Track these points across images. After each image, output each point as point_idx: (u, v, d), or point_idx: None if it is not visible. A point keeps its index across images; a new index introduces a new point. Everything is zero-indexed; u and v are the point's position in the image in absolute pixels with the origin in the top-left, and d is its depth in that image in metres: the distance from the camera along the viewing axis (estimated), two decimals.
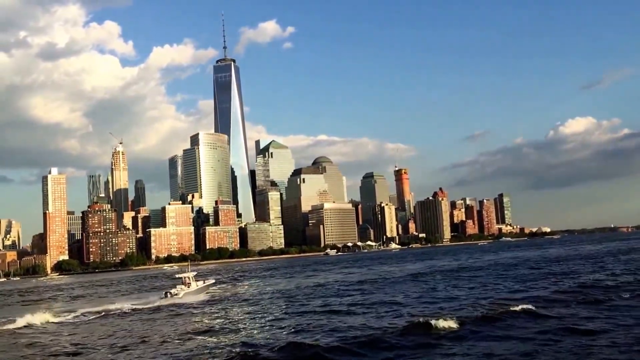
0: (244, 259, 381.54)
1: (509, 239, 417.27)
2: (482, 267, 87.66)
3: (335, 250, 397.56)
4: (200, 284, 62.56)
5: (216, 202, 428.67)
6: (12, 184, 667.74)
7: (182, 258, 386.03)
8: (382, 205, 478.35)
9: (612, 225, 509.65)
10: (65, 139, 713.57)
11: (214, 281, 71.64)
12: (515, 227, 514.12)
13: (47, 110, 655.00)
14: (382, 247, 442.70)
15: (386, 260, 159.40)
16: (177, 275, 64.68)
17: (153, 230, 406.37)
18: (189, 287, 59.15)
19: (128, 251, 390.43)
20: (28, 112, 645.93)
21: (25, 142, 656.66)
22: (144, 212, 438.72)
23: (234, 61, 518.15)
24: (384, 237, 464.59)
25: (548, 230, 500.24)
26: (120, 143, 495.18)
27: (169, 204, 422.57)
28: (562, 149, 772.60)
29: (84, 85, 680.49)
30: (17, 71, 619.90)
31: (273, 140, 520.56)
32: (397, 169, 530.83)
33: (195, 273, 64.67)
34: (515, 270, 72.03)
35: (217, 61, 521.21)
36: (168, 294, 56.79)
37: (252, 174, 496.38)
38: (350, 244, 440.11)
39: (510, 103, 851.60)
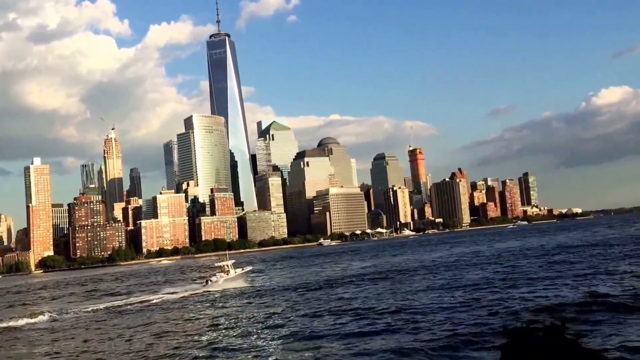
0: (243, 251, 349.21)
1: (525, 222, 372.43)
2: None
3: (329, 240, 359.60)
4: (239, 270, 64.94)
5: (212, 190, 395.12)
6: (10, 177, 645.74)
7: (175, 252, 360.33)
8: (395, 188, 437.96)
9: None
10: (63, 127, 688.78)
11: (251, 268, 71.64)
12: (542, 208, 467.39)
13: (42, 96, 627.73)
14: (394, 233, 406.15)
15: (396, 250, 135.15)
16: (216, 264, 68.59)
17: (144, 222, 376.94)
18: (227, 274, 62.27)
19: (117, 245, 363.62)
20: (23, 99, 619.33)
21: (22, 131, 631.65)
22: (135, 202, 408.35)
23: (228, 36, 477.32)
24: (397, 223, 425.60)
25: (579, 211, 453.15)
26: (113, 129, 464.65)
27: (161, 193, 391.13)
28: (595, 121, 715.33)
29: (79, 69, 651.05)
30: (9, 56, 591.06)
31: (274, 121, 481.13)
32: (411, 148, 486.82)
33: (233, 261, 67.94)
34: None
35: (211, 36, 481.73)
36: (209, 281, 61.27)
37: (254, 158, 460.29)
38: (358, 232, 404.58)
39: (537, 75, 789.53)
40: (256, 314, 36.97)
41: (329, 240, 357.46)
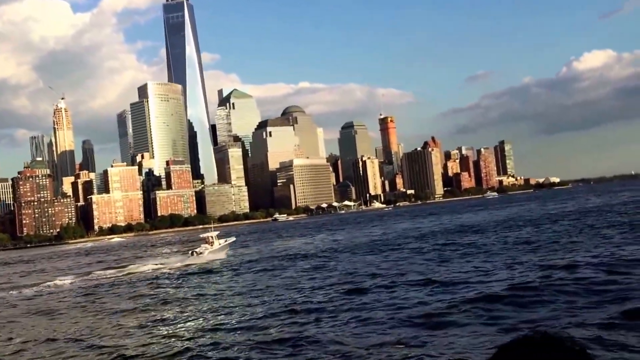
0: (201, 227, 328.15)
1: (494, 194, 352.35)
2: None
3: (285, 215, 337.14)
4: (222, 242, 65.69)
5: (167, 163, 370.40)
6: None
7: (128, 228, 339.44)
8: (364, 159, 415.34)
9: (633, 172, 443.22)
10: (14, 97, 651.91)
11: (234, 239, 72.42)
12: (519, 178, 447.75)
13: None
14: (362, 206, 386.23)
15: (354, 225, 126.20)
16: (201, 236, 70.02)
17: (95, 197, 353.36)
18: (212, 245, 62.85)
19: (67, 222, 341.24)
20: None
21: None
22: (85, 176, 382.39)
23: None
24: (367, 195, 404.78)
25: (557, 180, 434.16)
26: (62, 99, 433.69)
27: (112, 166, 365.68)
28: (576, 87, 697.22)
29: (31, 35, 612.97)
30: None
31: (235, 89, 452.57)
32: (382, 116, 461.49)
33: (218, 232, 69.88)
34: None
35: None
36: (194, 252, 61.38)
37: (214, 129, 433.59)
38: (325, 205, 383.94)
39: (517, 38, 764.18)
40: None
41: (285, 216, 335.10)
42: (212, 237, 64.40)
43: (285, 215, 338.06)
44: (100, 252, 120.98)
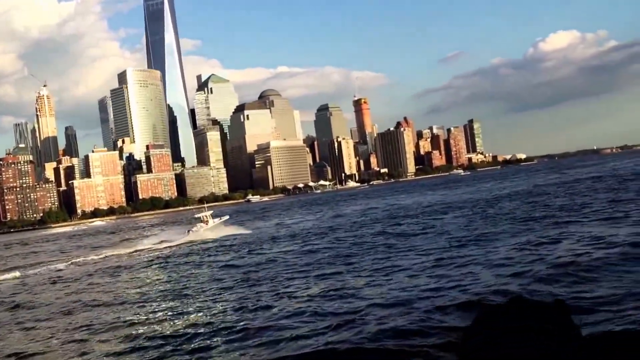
0: (181, 209, 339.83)
1: (460, 172, 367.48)
2: None
3: (259, 197, 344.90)
4: (217, 220, 68.74)
5: (147, 147, 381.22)
6: None
7: (111, 211, 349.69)
8: (339, 139, 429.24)
9: (595, 147, 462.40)
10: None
11: (227, 217, 74.28)
12: (487, 155, 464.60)
13: None
14: (338, 185, 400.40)
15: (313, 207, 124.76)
16: (196, 215, 71.34)
17: (77, 182, 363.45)
18: (207, 224, 66.41)
19: (50, 207, 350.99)
20: None
21: None
22: (67, 162, 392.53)
23: None
24: (342, 174, 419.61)
25: (524, 156, 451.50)
26: (45, 86, 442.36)
27: (93, 151, 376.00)
28: (543, 67, 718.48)
29: (15, 24, 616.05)
30: None
31: (213, 74, 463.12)
32: (356, 98, 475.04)
33: (212, 212, 71.93)
34: None
35: None
36: (190, 231, 64.90)
37: (193, 113, 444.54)
38: (301, 185, 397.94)
39: (487, 20, 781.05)
40: None
41: (259, 197, 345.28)
42: (206, 216, 67.94)
43: (258, 196, 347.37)
44: (86, 236, 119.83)
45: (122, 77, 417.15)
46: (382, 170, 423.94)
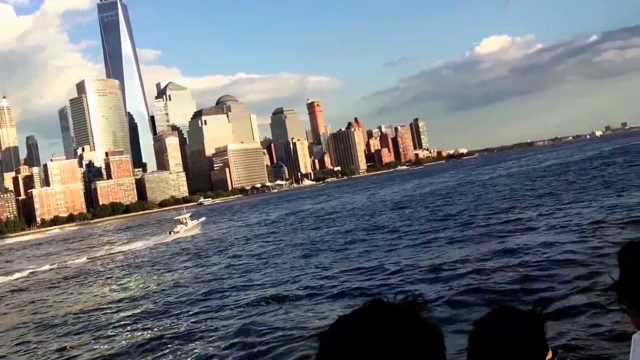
0: (142, 212, 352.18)
1: (405, 167, 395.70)
2: None
3: (210, 199, 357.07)
4: (195, 221, 73.69)
5: (107, 154, 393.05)
6: None
7: (70, 219, 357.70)
8: (294, 140, 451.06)
9: (529, 140, 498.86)
10: None
11: (204, 218, 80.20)
12: (432, 151, 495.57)
13: None
14: (294, 184, 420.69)
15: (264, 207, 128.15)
16: (176, 218, 76.36)
17: (35, 191, 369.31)
18: (186, 225, 71.15)
19: (9, 216, 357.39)
20: None
21: None
22: (25, 171, 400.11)
23: None
24: (299, 174, 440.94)
25: (466, 151, 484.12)
26: (4, 97, 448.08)
27: (51, 160, 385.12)
28: (479, 68, 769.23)
29: None
30: None
31: (170, 82, 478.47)
32: (309, 101, 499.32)
33: (190, 214, 77.59)
34: None
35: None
36: (172, 232, 69.28)
37: (153, 120, 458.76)
38: (259, 185, 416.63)
39: (429, 25, 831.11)
40: None
41: (210, 199, 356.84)
42: (185, 218, 73.08)
43: (210, 199, 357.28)
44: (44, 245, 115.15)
45: (80, 87, 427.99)
46: (336, 169, 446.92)
